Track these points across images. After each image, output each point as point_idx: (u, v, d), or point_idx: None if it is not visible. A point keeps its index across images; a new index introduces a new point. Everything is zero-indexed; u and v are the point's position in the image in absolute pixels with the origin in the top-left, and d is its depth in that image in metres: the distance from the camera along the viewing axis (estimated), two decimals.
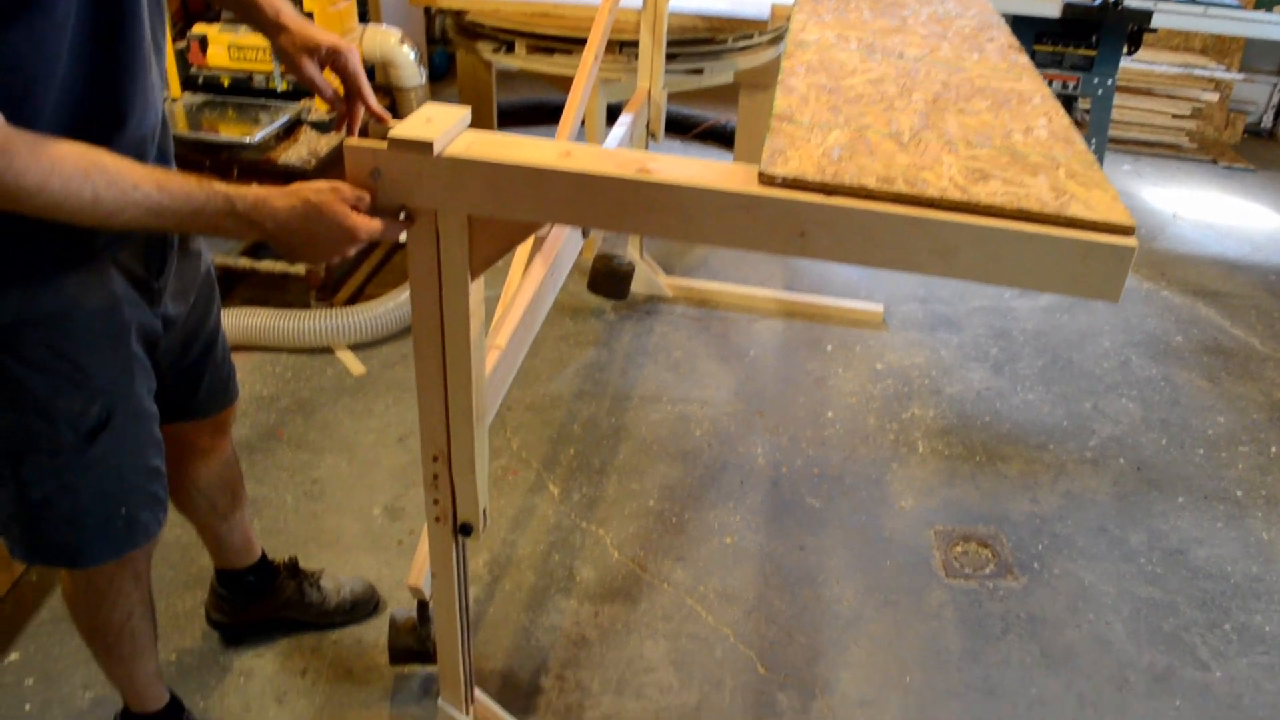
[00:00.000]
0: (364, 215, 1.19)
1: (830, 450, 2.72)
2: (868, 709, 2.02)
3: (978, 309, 3.44)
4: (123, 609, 1.59)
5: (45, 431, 1.32)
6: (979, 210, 1.13)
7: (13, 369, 1.27)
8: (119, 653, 1.65)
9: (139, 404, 1.41)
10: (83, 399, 1.32)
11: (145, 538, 1.47)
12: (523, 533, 2.38)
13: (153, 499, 1.47)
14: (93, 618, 1.60)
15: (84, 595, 1.57)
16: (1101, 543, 2.47)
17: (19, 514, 1.38)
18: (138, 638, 1.64)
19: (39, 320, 1.26)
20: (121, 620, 1.60)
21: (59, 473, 1.35)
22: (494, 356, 1.58)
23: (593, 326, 3.18)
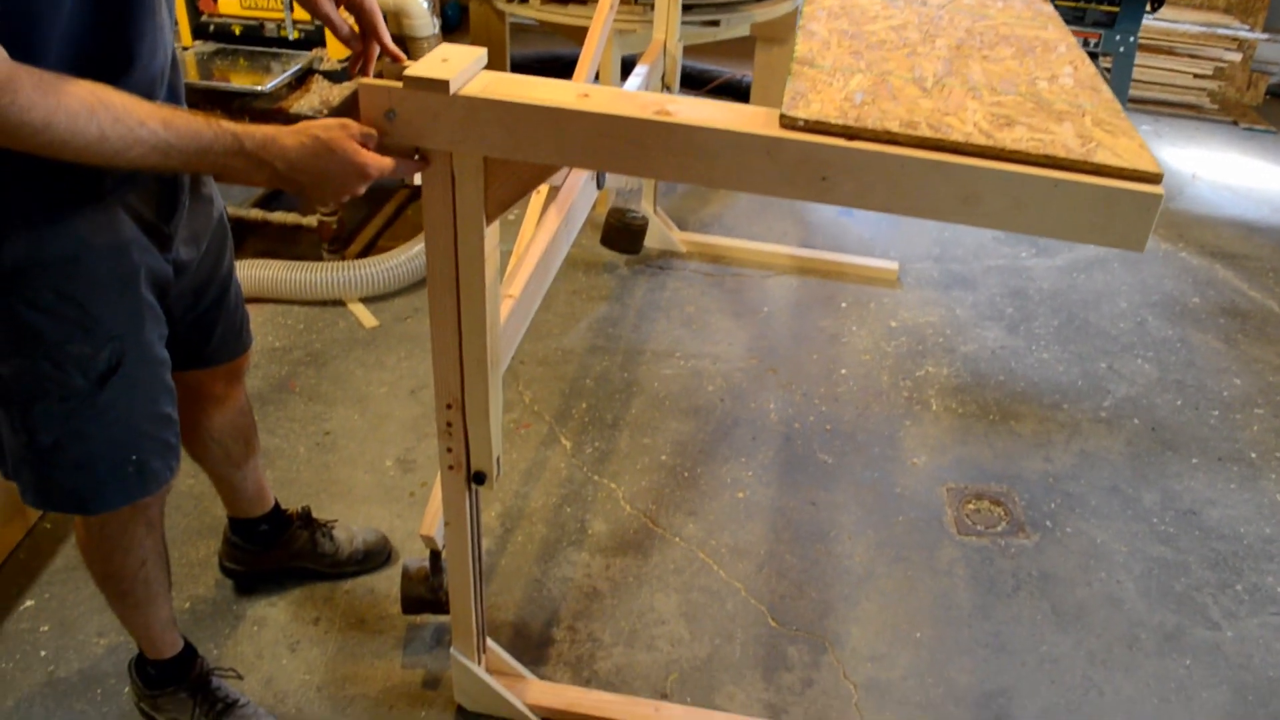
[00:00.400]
0: (374, 152, 1.17)
1: (843, 407, 2.71)
2: (878, 663, 2.02)
3: (993, 268, 3.42)
4: (136, 556, 1.59)
5: (55, 376, 1.31)
6: (1004, 156, 1.11)
7: (21, 313, 1.26)
8: (133, 599, 1.65)
9: (150, 350, 1.40)
10: (92, 344, 1.32)
11: (156, 485, 1.47)
12: (535, 486, 2.38)
13: (164, 446, 1.46)
14: (106, 564, 1.60)
15: (97, 542, 1.57)
16: (1114, 502, 2.46)
17: (29, 459, 1.38)
18: (151, 585, 1.65)
19: (47, 263, 1.25)
20: (135, 567, 1.61)
21: (69, 418, 1.35)
22: (508, 305, 1.57)
23: (605, 281, 3.17)
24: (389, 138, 1.18)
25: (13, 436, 1.36)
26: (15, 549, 2.13)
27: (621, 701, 1.87)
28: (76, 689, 1.87)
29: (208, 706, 1.77)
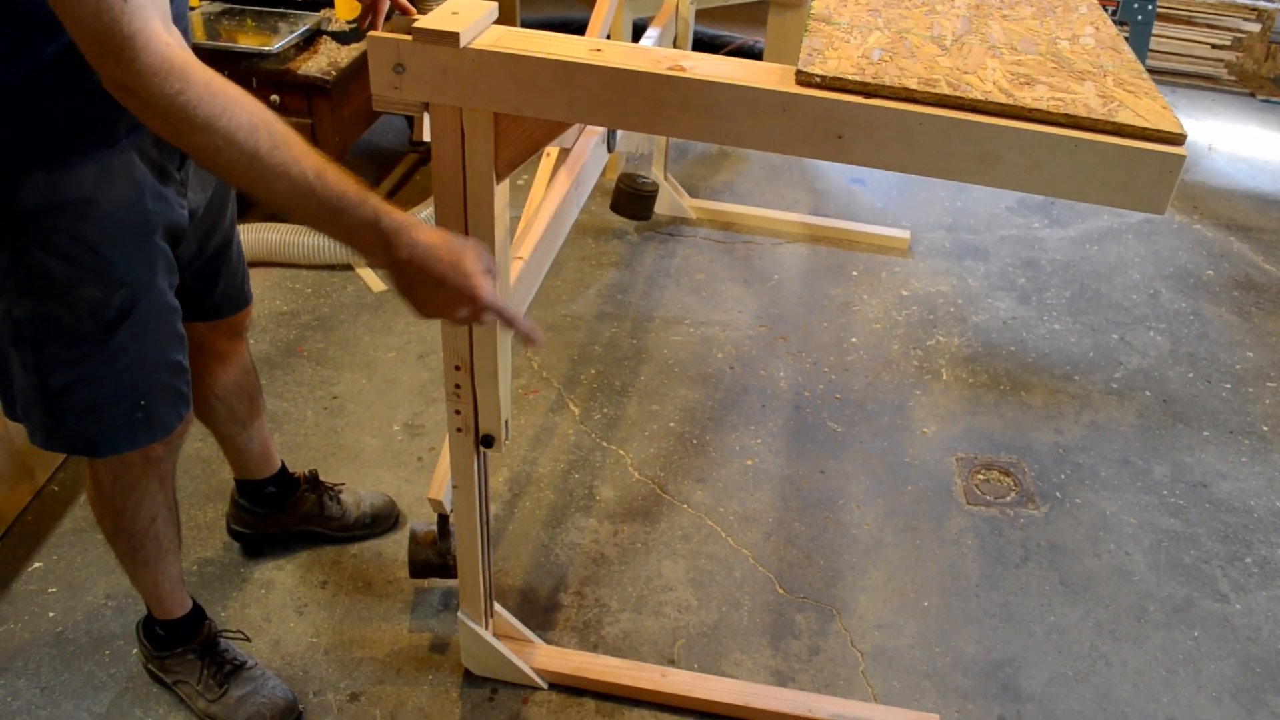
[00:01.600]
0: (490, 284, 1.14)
1: (853, 376, 2.69)
2: (885, 631, 2.02)
3: (1006, 238, 3.39)
4: (148, 511, 1.59)
5: (66, 319, 1.31)
6: (1024, 115, 1.09)
7: (35, 256, 1.26)
8: (143, 556, 1.65)
9: (161, 297, 1.39)
10: (104, 289, 1.31)
11: (164, 432, 1.47)
12: (543, 451, 2.37)
13: (175, 394, 1.46)
14: (117, 519, 1.60)
15: (109, 497, 1.57)
16: (1124, 474, 2.44)
17: (39, 401, 1.37)
18: (162, 541, 1.65)
19: (61, 207, 1.24)
20: (146, 523, 1.60)
21: (80, 362, 1.34)
22: (517, 267, 1.56)
23: (615, 248, 3.15)
24: (399, 92, 1.16)
25: (24, 378, 1.36)
26: (23, 511, 2.13)
27: (628, 667, 1.86)
28: (84, 650, 1.88)
29: (215, 668, 1.77)
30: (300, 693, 1.81)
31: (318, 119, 2.86)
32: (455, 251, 1.12)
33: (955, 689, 1.92)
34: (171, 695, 1.80)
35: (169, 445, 1.52)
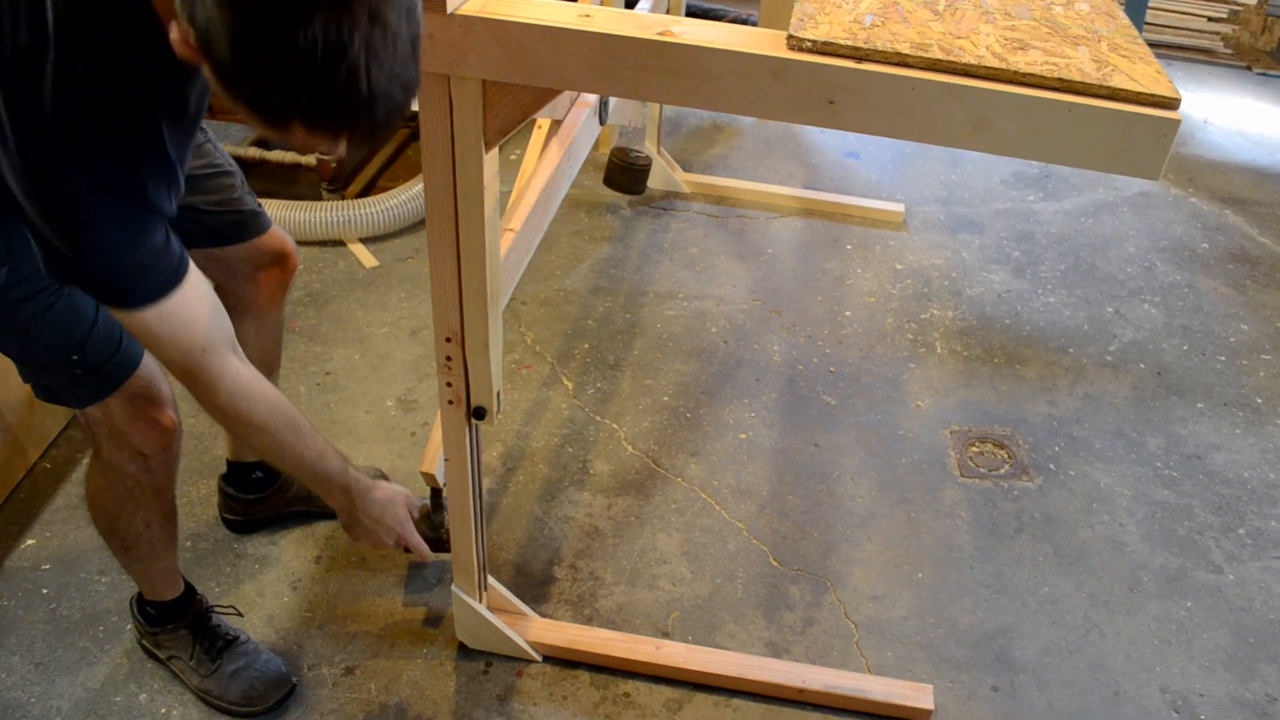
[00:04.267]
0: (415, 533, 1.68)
1: (847, 349, 2.68)
2: (879, 603, 2.02)
3: (1000, 211, 3.38)
4: (142, 518, 1.60)
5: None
6: (1017, 79, 1.08)
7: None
8: (136, 553, 1.66)
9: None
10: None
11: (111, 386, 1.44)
12: (536, 426, 2.37)
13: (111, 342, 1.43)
14: (111, 522, 1.61)
15: (103, 502, 1.59)
16: (1118, 446, 2.44)
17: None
18: (156, 544, 1.66)
19: None
20: (140, 528, 1.62)
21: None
22: (508, 239, 1.55)
23: (608, 222, 3.13)
24: None
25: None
26: (15, 488, 2.12)
27: (623, 639, 1.87)
28: (79, 626, 1.88)
29: (208, 644, 1.77)
30: (294, 667, 1.82)
31: None
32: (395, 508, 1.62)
33: (949, 659, 1.92)
34: (165, 670, 1.80)
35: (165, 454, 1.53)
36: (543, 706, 1.79)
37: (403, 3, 0.92)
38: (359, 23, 0.89)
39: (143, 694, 1.78)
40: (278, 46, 0.89)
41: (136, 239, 1.15)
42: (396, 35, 0.92)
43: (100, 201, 1.12)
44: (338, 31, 0.88)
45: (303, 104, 0.93)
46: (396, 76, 0.93)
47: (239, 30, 0.89)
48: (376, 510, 1.59)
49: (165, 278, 1.20)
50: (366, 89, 0.91)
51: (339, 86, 0.91)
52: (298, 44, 0.88)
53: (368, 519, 1.59)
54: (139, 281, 1.18)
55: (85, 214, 1.12)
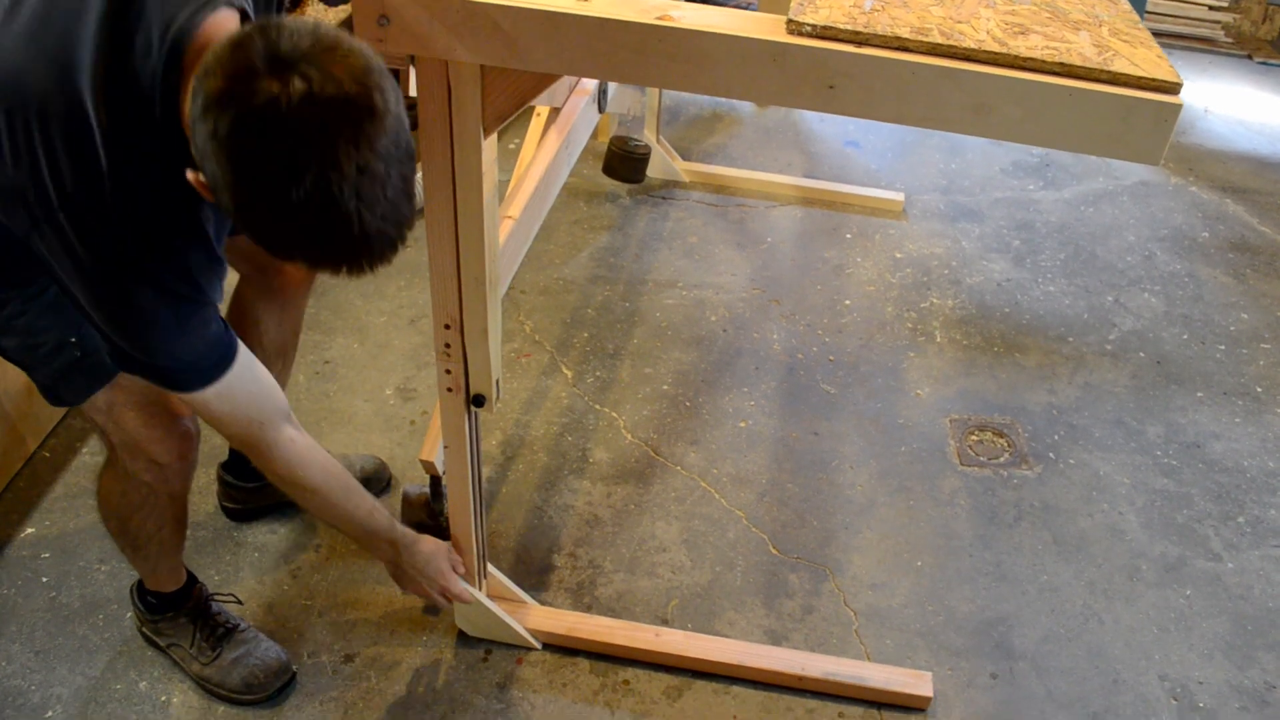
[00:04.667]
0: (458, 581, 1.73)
1: (846, 338, 2.68)
2: (878, 591, 2.02)
3: (1000, 200, 3.37)
4: (155, 522, 1.61)
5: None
6: (1018, 64, 1.08)
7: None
8: (144, 553, 1.67)
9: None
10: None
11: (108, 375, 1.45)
12: (535, 414, 2.37)
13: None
14: (123, 524, 1.63)
15: (116, 507, 1.60)
16: (1118, 434, 2.44)
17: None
18: (165, 545, 1.67)
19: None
20: (152, 530, 1.63)
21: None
22: (507, 226, 1.55)
23: (607, 211, 3.13)
24: (384, 45, 1.14)
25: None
26: (15, 477, 2.12)
27: (622, 626, 1.87)
28: (79, 614, 1.88)
29: (208, 631, 1.77)
30: (294, 654, 1.82)
31: None
32: (435, 559, 1.67)
33: (948, 647, 1.92)
34: (166, 658, 1.80)
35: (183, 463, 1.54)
36: (542, 694, 1.79)
37: (389, 147, 0.98)
38: (347, 176, 0.95)
39: (143, 681, 1.78)
40: (274, 203, 0.96)
41: (195, 333, 1.25)
42: (386, 180, 0.98)
43: (164, 309, 1.21)
44: (328, 186, 0.95)
45: (302, 249, 1.02)
46: (389, 217, 1.00)
47: (238, 188, 0.97)
48: (421, 562, 1.65)
49: (219, 361, 1.30)
50: (360, 232, 0.99)
51: (334, 234, 0.99)
52: (291, 200, 0.95)
53: (413, 570, 1.66)
54: (197, 368, 1.28)
55: (150, 320, 1.21)
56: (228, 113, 0.94)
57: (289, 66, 0.94)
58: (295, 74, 0.94)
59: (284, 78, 0.93)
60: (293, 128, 0.94)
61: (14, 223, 1.14)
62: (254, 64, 0.94)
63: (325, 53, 0.95)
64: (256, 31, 0.96)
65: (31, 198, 1.11)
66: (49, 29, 1.09)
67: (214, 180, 0.98)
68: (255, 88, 0.93)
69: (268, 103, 0.93)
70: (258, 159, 0.95)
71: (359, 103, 0.95)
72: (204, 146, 0.97)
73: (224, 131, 0.95)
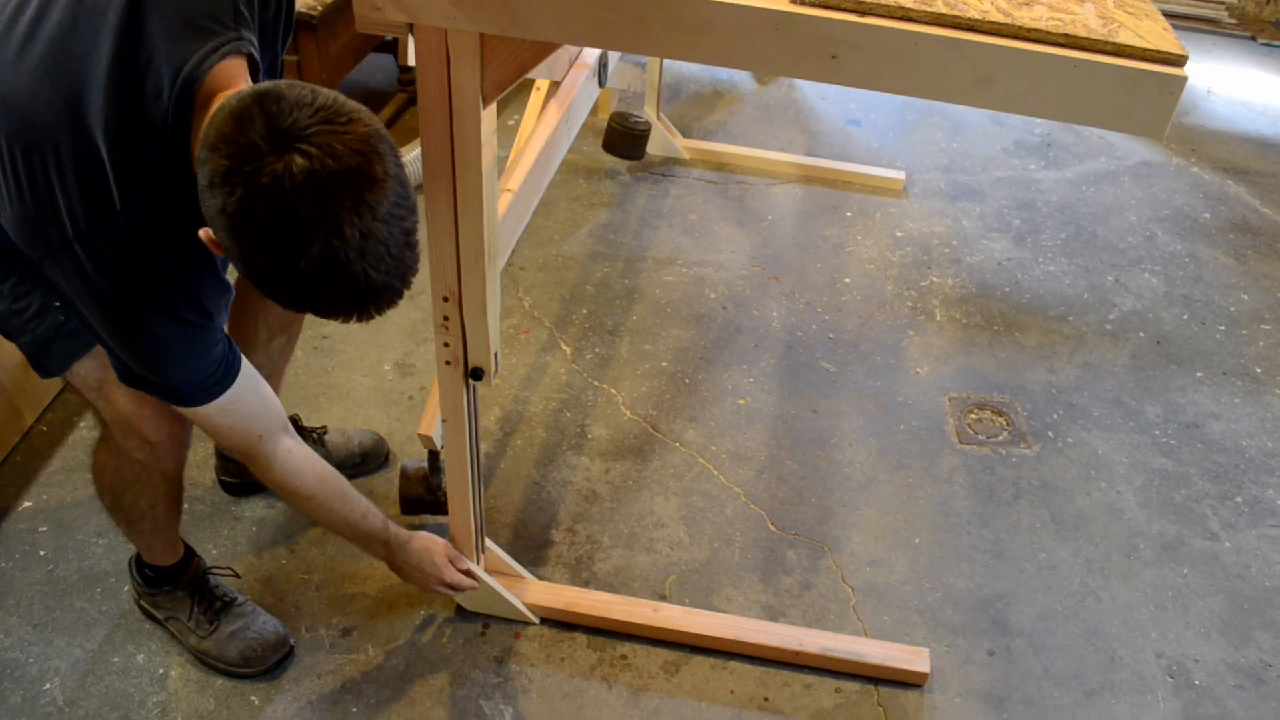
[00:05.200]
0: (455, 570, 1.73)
1: (846, 316, 2.68)
2: (876, 568, 2.02)
3: (1001, 179, 3.36)
4: (148, 499, 1.61)
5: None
6: (1022, 35, 1.07)
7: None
8: (139, 528, 1.68)
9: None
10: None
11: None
12: (534, 390, 2.36)
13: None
14: (117, 498, 1.63)
15: (109, 482, 1.61)
16: (1117, 414, 2.44)
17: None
18: (160, 521, 1.67)
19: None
20: (146, 507, 1.63)
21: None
22: (506, 199, 1.54)
23: (607, 188, 3.12)
24: (381, 13, 1.13)
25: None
26: (12, 451, 2.12)
27: (620, 602, 1.87)
28: (76, 587, 1.88)
29: (206, 605, 1.77)
30: (292, 628, 1.82)
31: (304, 57, 2.81)
32: (431, 554, 1.69)
33: (945, 623, 1.93)
34: (163, 631, 1.81)
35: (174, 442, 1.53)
36: (540, 668, 1.80)
37: (391, 209, 1.03)
38: (352, 243, 1.00)
39: (140, 654, 1.78)
40: (282, 270, 1.02)
41: (199, 355, 1.30)
42: (388, 241, 1.03)
43: (175, 336, 1.26)
44: (334, 254, 1.00)
45: (313, 306, 1.09)
46: (393, 271, 1.05)
47: (247, 258, 1.03)
48: (414, 559, 1.68)
49: (223, 378, 1.35)
50: (367, 287, 1.05)
51: (342, 293, 1.05)
52: (300, 268, 1.01)
53: (408, 567, 1.69)
54: (199, 386, 1.33)
55: (161, 346, 1.26)
56: (235, 192, 0.99)
57: (290, 143, 0.98)
58: (296, 152, 0.97)
59: (286, 156, 0.97)
60: (296, 204, 0.98)
61: (30, 249, 1.20)
62: (256, 142, 0.98)
63: (324, 125, 0.99)
64: (255, 104, 0.99)
65: (47, 230, 1.16)
66: (61, 70, 1.12)
67: (225, 246, 1.04)
68: (259, 168, 0.97)
69: (272, 182, 0.97)
70: (265, 233, 1.00)
71: (360, 173, 1.00)
72: (214, 219, 1.02)
73: (232, 209, 0.99)
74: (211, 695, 1.73)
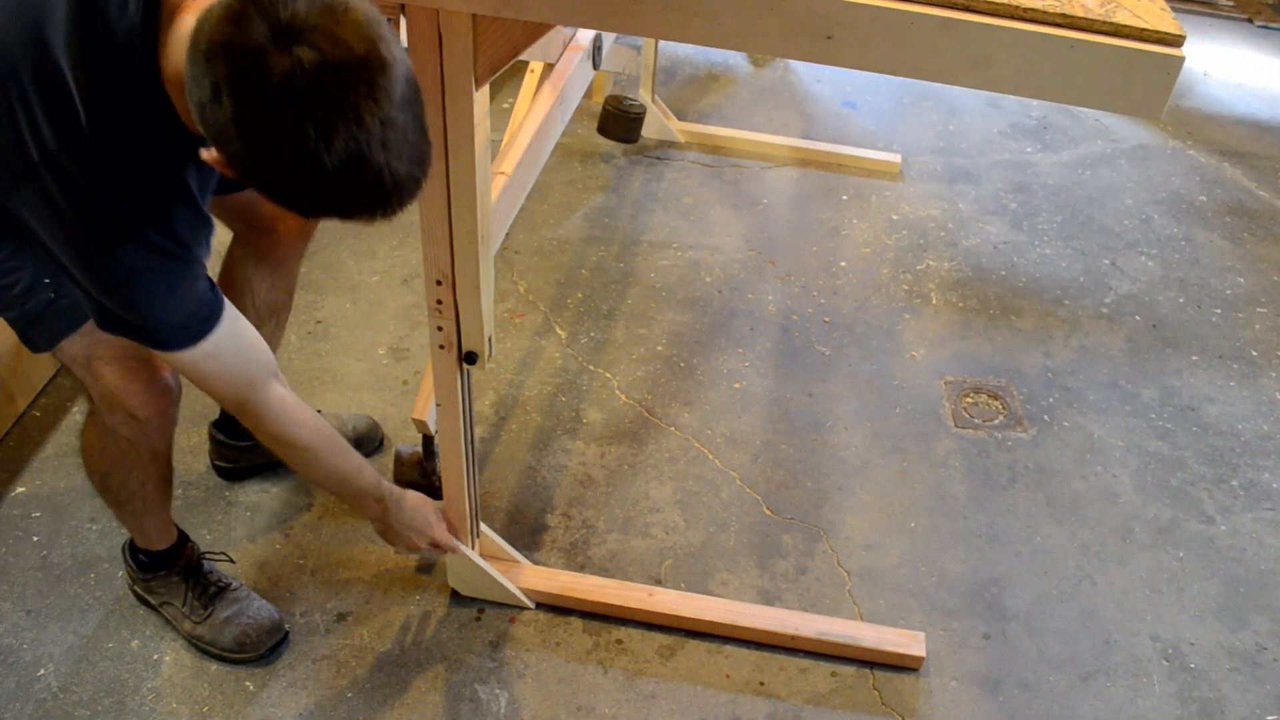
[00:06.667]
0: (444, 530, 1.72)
1: (842, 299, 2.67)
2: (871, 552, 2.02)
3: (998, 163, 3.35)
4: (137, 478, 1.60)
5: None
6: (1019, 15, 1.06)
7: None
8: (129, 509, 1.67)
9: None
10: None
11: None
12: (529, 375, 2.36)
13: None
14: (105, 478, 1.62)
15: (97, 460, 1.60)
16: (1113, 397, 2.44)
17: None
18: (149, 501, 1.66)
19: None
20: (135, 486, 1.62)
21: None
22: (500, 182, 1.53)
23: (602, 171, 3.10)
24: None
25: None
26: (5, 436, 2.11)
27: (615, 586, 1.87)
28: (70, 573, 1.87)
29: (200, 590, 1.77)
30: (287, 613, 1.82)
31: None
32: (425, 513, 1.68)
33: (941, 607, 1.93)
34: (158, 617, 1.80)
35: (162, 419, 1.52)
36: (535, 653, 1.80)
37: (404, 93, 0.99)
38: (373, 133, 0.96)
39: (135, 640, 1.78)
40: (306, 172, 0.97)
41: (180, 290, 1.24)
42: (406, 127, 1.00)
43: (148, 264, 1.20)
44: (357, 147, 0.96)
45: (339, 208, 1.04)
46: (413, 159, 1.02)
47: (266, 163, 0.99)
48: (407, 517, 1.65)
49: (206, 320, 1.29)
50: (392, 181, 1.01)
51: (368, 189, 1.00)
52: (326, 168, 0.96)
53: (400, 525, 1.65)
54: (181, 327, 1.27)
55: (135, 278, 1.20)
56: (246, 97, 0.94)
57: (295, 38, 0.93)
58: (304, 45, 0.93)
59: (293, 51, 0.93)
60: (313, 100, 0.94)
61: None
62: (259, 42, 0.93)
63: (325, 15, 0.95)
64: (248, 3, 0.95)
65: (11, 159, 1.11)
66: None
67: (237, 157, 0.99)
68: (267, 68, 0.93)
69: (284, 80, 0.93)
70: (284, 135, 0.95)
71: (371, 61, 0.96)
72: (223, 131, 0.97)
73: (245, 113, 0.95)
74: (206, 681, 1.73)
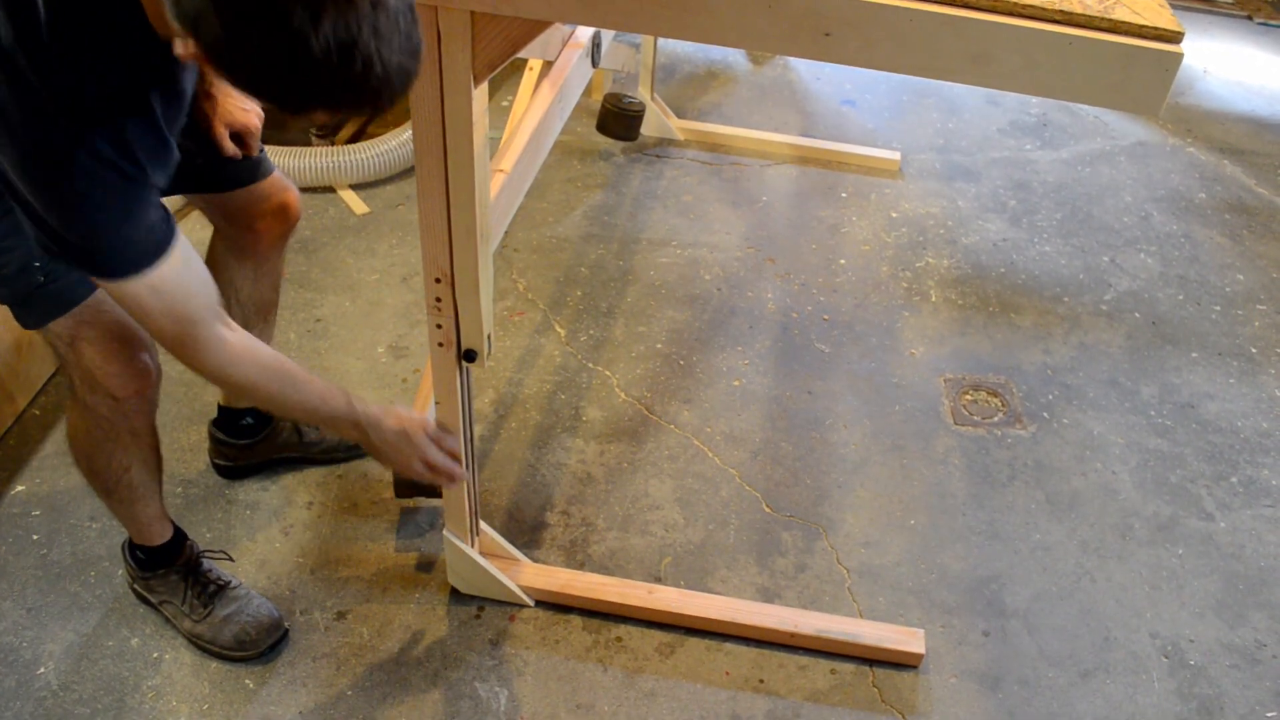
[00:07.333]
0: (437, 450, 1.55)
1: (841, 297, 2.67)
2: (871, 549, 2.02)
3: (997, 160, 3.35)
4: (120, 461, 1.60)
5: None
6: (1017, 11, 1.06)
7: None
8: (118, 497, 1.66)
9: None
10: None
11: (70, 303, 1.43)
12: (529, 373, 2.36)
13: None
14: (90, 463, 1.61)
15: (81, 445, 1.59)
16: (1112, 395, 2.44)
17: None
18: (136, 487, 1.65)
19: None
20: (119, 471, 1.61)
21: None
22: (499, 179, 1.52)
23: (601, 169, 3.10)
24: None
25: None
26: (4, 435, 2.11)
27: (615, 584, 1.87)
28: (70, 571, 1.87)
29: (199, 588, 1.77)
30: (286, 611, 1.82)
31: None
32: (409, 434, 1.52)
33: (940, 604, 1.93)
34: (158, 615, 1.80)
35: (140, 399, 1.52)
36: (535, 650, 1.80)
37: None
38: (363, 13, 0.92)
39: (134, 638, 1.78)
40: (292, 55, 0.92)
41: (130, 214, 1.19)
42: (398, 11, 0.95)
43: (97, 179, 1.14)
44: (346, 29, 0.91)
45: (325, 98, 0.97)
46: (405, 48, 0.97)
47: (250, 48, 0.92)
48: (392, 438, 1.54)
49: (155, 248, 1.23)
50: (382, 70, 0.96)
51: (357, 77, 0.95)
52: (313, 51, 0.91)
53: (385, 447, 1.54)
54: (129, 253, 1.21)
55: (83, 192, 1.14)
56: None
57: None
58: None
59: None
60: None
61: None
62: None
63: None
64: None
65: None
66: None
67: (215, 45, 0.93)
68: None
69: None
70: (268, 18, 0.90)
71: None
72: (202, 18, 0.92)
73: None
74: (206, 679, 1.73)
